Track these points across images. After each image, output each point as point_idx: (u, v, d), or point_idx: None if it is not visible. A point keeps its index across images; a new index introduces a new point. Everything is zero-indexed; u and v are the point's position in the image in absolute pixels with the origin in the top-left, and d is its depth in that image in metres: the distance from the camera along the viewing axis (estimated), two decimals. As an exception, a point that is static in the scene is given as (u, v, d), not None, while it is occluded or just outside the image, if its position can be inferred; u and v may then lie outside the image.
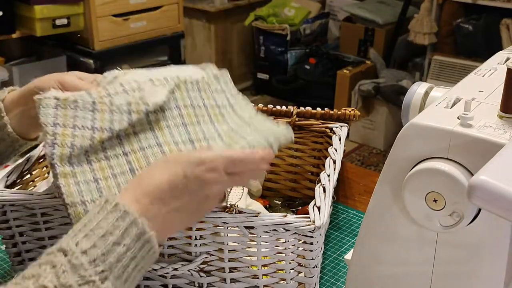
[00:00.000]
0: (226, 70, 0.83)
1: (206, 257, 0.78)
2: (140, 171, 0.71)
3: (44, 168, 0.95)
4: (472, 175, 0.54)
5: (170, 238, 0.78)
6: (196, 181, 0.64)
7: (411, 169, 0.61)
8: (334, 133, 0.98)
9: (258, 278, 0.79)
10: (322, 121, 1.02)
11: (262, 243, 0.76)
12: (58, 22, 2.61)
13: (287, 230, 0.73)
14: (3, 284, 0.56)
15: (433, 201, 0.60)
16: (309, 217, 0.73)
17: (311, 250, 0.76)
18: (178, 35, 3.09)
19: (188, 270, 0.79)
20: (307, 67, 3.45)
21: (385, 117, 3.22)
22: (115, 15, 2.79)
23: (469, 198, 0.49)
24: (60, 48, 2.86)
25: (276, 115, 1.02)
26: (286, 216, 0.74)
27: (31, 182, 0.92)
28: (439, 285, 0.66)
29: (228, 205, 0.75)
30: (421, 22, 3.19)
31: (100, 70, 2.80)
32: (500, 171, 0.50)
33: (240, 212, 0.74)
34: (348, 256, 0.79)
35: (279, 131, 0.79)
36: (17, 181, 0.87)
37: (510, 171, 0.50)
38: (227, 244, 0.77)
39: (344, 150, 0.96)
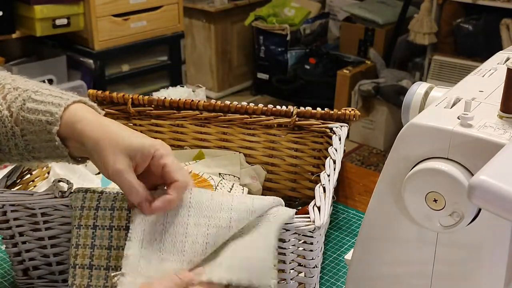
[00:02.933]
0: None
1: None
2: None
3: (44, 168, 0.94)
4: (472, 175, 0.54)
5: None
6: None
7: (411, 169, 0.61)
8: (334, 133, 0.98)
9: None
10: (322, 121, 1.02)
11: (262, 243, 0.76)
12: (58, 22, 2.61)
13: (287, 230, 0.73)
14: None
15: (433, 201, 0.60)
16: (309, 217, 0.73)
17: (311, 250, 0.76)
18: (178, 35, 3.09)
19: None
20: (307, 67, 3.45)
21: (385, 117, 3.22)
22: (115, 15, 2.79)
23: (469, 198, 0.49)
24: (60, 48, 2.86)
25: (276, 115, 1.02)
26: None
27: (31, 182, 0.92)
28: (439, 285, 0.66)
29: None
30: (421, 22, 3.19)
31: (100, 70, 2.80)
32: (500, 171, 0.50)
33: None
34: (348, 256, 0.79)
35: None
36: (17, 181, 0.86)
37: (510, 171, 0.50)
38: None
39: (344, 150, 0.96)
